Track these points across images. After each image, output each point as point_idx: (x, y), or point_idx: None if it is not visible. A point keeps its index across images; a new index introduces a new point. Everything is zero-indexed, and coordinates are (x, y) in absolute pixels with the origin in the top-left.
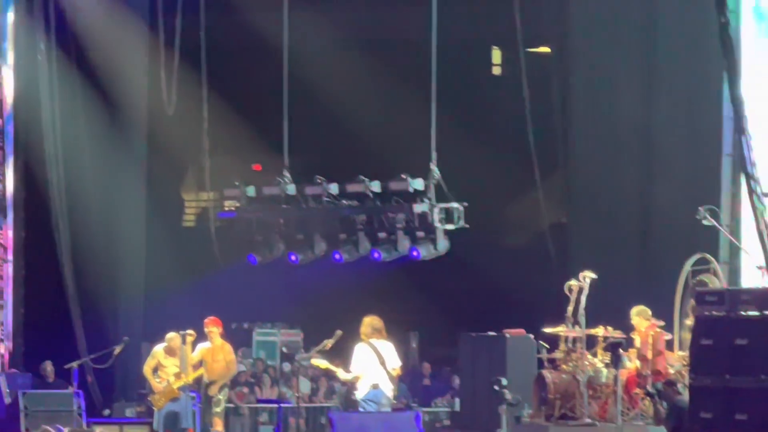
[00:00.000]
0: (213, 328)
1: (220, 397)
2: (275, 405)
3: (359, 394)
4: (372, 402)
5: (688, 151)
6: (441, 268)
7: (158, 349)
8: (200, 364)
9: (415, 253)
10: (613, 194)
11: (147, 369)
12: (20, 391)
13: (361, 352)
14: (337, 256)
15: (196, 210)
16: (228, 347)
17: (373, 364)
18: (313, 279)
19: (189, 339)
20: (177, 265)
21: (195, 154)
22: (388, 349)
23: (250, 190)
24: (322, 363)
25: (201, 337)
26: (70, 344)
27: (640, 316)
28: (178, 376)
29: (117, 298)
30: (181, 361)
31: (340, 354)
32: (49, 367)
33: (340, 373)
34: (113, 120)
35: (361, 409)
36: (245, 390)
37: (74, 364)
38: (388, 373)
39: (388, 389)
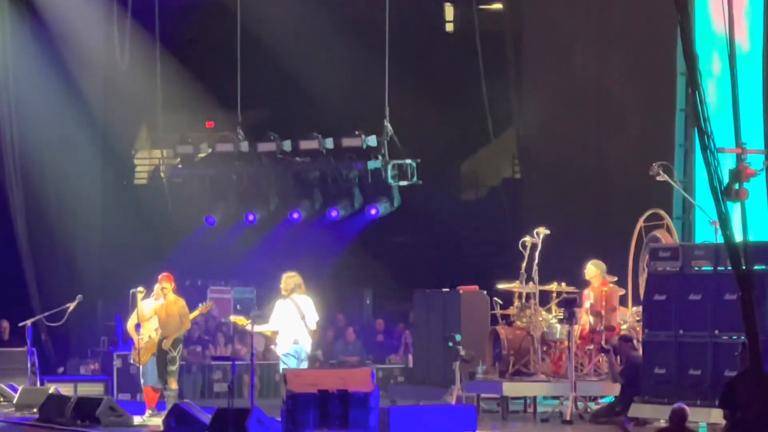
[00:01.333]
0: (165, 283)
1: (175, 354)
2: (229, 362)
3: (279, 349)
4: (292, 357)
5: (641, 107)
6: (394, 224)
7: (143, 304)
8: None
9: (373, 212)
10: (567, 150)
11: (130, 325)
12: None
13: (281, 308)
14: (295, 216)
15: (149, 167)
16: (181, 302)
17: (294, 320)
18: (269, 237)
19: (139, 295)
20: (131, 222)
21: (149, 111)
22: (308, 304)
23: (203, 148)
24: (239, 319)
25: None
26: (24, 302)
27: (596, 270)
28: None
29: (72, 255)
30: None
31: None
32: (4, 324)
33: (260, 328)
34: (68, 77)
35: (281, 364)
36: (198, 349)
37: (28, 322)
38: (307, 328)
39: (308, 344)
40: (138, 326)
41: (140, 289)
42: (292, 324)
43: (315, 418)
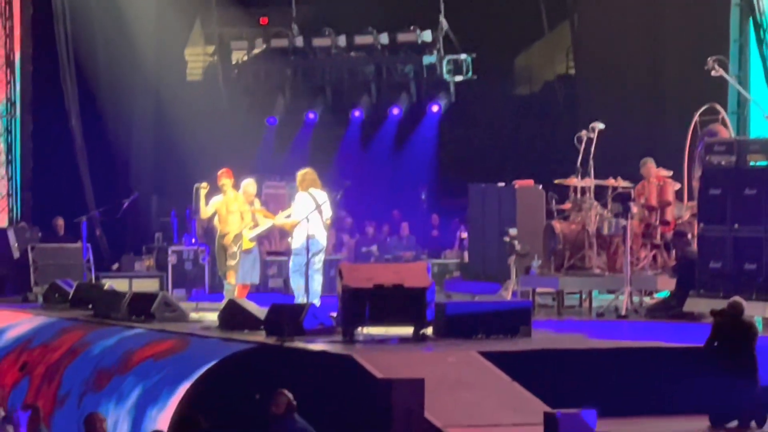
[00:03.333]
0: (225, 180)
1: (235, 249)
2: (284, 257)
3: (295, 242)
4: (304, 251)
5: (697, 1)
6: (449, 119)
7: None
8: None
9: (435, 108)
10: (622, 45)
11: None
12: (29, 244)
13: (302, 201)
14: (356, 114)
15: (203, 64)
16: (241, 198)
17: (312, 214)
18: (323, 132)
19: (203, 192)
20: (185, 118)
21: (202, 6)
22: (324, 199)
23: (258, 43)
24: (261, 211)
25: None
26: (78, 198)
27: (651, 164)
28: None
29: (126, 150)
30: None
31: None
32: (59, 221)
33: (278, 219)
34: None
35: (292, 259)
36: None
37: (83, 218)
38: (323, 222)
39: (323, 237)
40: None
41: (204, 184)
42: (309, 218)
43: (370, 313)
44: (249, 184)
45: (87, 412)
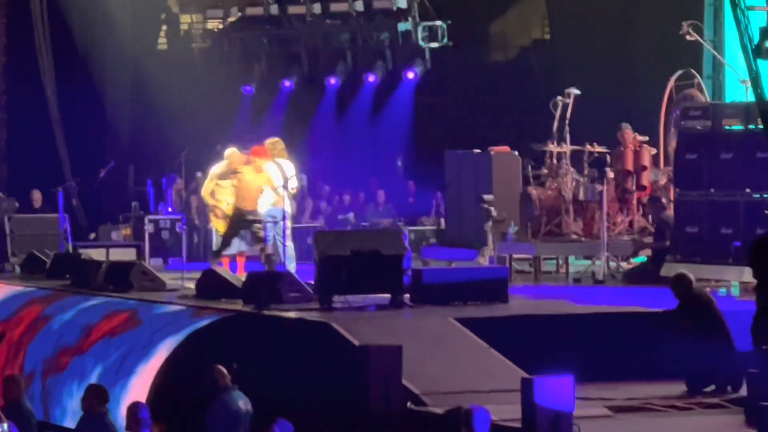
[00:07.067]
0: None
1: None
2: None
3: (261, 209)
4: (271, 217)
5: None
6: (425, 87)
7: (216, 169)
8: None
9: (411, 75)
10: (596, 10)
11: (205, 193)
12: (6, 215)
13: (274, 170)
14: (332, 81)
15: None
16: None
17: (278, 183)
18: (299, 100)
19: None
20: (161, 87)
21: None
22: (290, 168)
23: (233, 11)
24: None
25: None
26: (55, 168)
27: (627, 130)
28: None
29: (103, 121)
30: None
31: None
32: (36, 195)
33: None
34: None
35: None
36: None
37: (59, 188)
38: (287, 191)
39: (287, 206)
40: (213, 193)
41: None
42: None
43: (347, 280)
44: (233, 153)
45: (52, 395)
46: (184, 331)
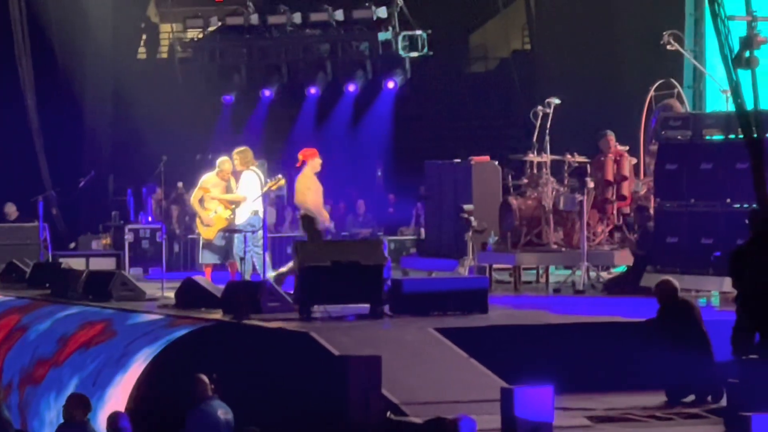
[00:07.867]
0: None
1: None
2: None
3: (239, 218)
4: (250, 226)
5: None
6: (405, 96)
7: (207, 177)
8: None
9: (390, 85)
10: (577, 20)
11: (194, 200)
12: None
13: (251, 179)
14: (312, 91)
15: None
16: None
17: (256, 192)
18: (280, 112)
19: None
20: (143, 98)
21: None
22: (262, 177)
23: (213, 21)
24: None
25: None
26: (35, 177)
27: (607, 139)
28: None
29: (83, 131)
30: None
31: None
32: (10, 209)
33: (225, 196)
34: None
35: (236, 238)
36: None
37: (39, 197)
38: (267, 199)
39: (265, 214)
40: (202, 200)
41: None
42: (254, 196)
43: (327, 290)
44: (224, 161)
45: (31, 407)
46: (161, 341)
